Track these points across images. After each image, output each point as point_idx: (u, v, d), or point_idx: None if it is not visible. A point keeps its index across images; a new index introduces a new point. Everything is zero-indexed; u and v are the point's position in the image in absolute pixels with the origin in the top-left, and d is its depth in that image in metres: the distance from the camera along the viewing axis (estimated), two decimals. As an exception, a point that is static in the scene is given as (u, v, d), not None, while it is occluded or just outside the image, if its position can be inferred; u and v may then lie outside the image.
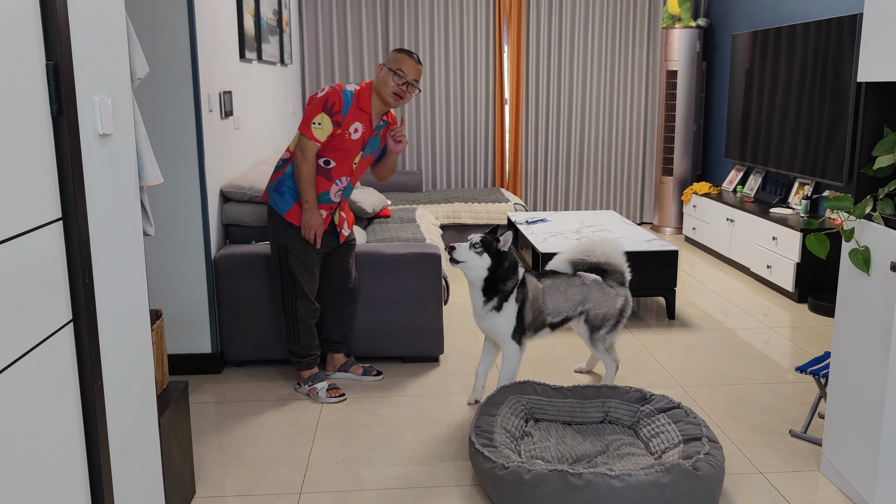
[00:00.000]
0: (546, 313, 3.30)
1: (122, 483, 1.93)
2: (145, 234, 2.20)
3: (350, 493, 2.64)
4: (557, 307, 3.32)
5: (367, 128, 3.23)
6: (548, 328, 3.35)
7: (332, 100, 3.12)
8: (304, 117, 3.16)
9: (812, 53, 5.08)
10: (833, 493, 2.63)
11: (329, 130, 3.13)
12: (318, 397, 3.39)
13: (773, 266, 5.07)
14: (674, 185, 6.97)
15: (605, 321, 3.39)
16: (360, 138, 3.23)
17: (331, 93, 3.14)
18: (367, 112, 3.21)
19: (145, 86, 3.30)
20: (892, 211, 2.42)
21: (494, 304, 3.17)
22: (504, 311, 3.18)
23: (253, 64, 4.69)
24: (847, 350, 2.59)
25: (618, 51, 7.15)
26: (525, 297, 3.23)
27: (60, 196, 1.63)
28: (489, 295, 3.17)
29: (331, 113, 3.12)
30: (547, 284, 3.33)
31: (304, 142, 3.15)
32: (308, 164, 3.15)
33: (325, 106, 3.11)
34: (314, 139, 3.13)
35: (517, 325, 3.21)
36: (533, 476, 2.38)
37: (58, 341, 1.60)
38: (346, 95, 3.15)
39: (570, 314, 3.36)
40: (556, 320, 3.34)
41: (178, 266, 3.54)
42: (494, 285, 3.16)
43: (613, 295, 3.41)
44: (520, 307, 3.21)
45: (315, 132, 3.12)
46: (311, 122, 3.12)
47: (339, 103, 3.13)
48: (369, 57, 6.89)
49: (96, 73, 1.81)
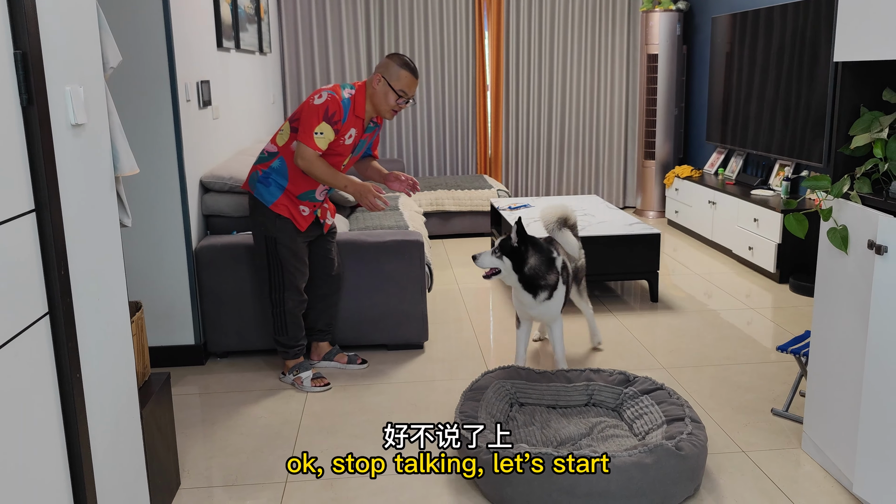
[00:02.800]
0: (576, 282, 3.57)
1: (105, 475, 1.92)
2: (122, 225, 2.18)
3: (335, 481, 2.64)
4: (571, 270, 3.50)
5: (359, 132, 3.22)
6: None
7: (332, 109, 3.07)
8: (303, 125, 3.08)
9: (791, 35, 5.10)
10: (814, 469, 2.66)
11: (331, 139, 3.10)
12: (302, 386, 3.38)
13: (755, 247, 5.10)
14: (656, 168, 6.99)
15: (581, 272, 3.68)
16: (353, 142, 3.22)
17: (331, 101, 3.07)
18: (361, 118, 3.19)
19: (121, 76, 3.26)
20: (870, 190, 2.44)
21: (545, 296, 3.22)
22: (556, 296, 3.25)
23: (231, 53, 4.64)
24: (826, 328, 2.61)
25: (598, 35, 7.15)
26: (567, 278, 3.35)
27: (33, 187, 1.61)
28: (534, 290, 3.20)
29: (332, 122, 3.08)
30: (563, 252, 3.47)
31: (305, 150, 3.08)
32: (318, 165, 3.10)
33: (325, 115, 3.06)
34: (316, 148, 3.08)
35: (564, 302, 3.34)
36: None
37: (34, 334, 1.59)
38: (345, 104, 3.11)
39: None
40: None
41: (159, 257, 3.51)
42: (534, 281, 3.18)
43: (580, 247, 3.63)
44: (566, 287, 3.34)
45: (318, 142, 3.07)
46: (313, 132, 3.06)
47: (339, 112, 3.08)
48: (349, 44, 6.84)
49: (67, 62, 1.79)
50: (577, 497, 2.34)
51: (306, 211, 3.28)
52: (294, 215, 3.25)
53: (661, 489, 2.38)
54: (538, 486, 2.36)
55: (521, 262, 3.16)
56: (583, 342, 3.90)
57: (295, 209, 3.25)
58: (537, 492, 2.36)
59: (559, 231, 3.48)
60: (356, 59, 6.89)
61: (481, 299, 4.69)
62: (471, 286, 4.95)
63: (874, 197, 2.40)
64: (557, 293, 3.25)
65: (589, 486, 2.33)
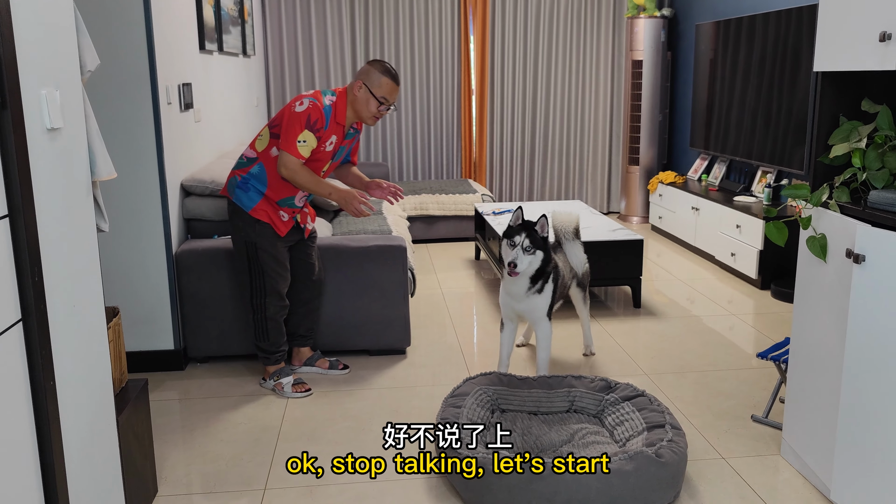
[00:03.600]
0: (565, 286, 3.49)
1: (79, 484, 1.89)
2: (99, 230, 2.15)
3: (315, 489, 2.62)
4: (568, 278, 3.51)
5: (339, 139, 3.21)
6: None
7: (314, 116, 3.05)
8: (285, 133, 3.06)
9: (773, 43, 5.14)
10: (793, 475, 2.67)
11: (313, 146, 3.09)
12: (283, 392, 3.36)
13: (737, 254, 5.13)
14: (640, 174, 7.02)
15: (587, 277, 3.70)
16: (333, 149, 3.21)
17: (312, 109, 3.05)
18: (342, 125, 3.19)
19: (101, 79, 3.23)
20: (848, 199, 2.46)
21: (537, 288, 3.21)
22: (545, 291, 3.23)
23: (214, 55, 4.62)
24: (805, 335, 2.63)
25: (583, 41, 7.17)
26: (559, 276, 3.33)
27: (6, 192, 1.59)
28: (534, 280, 3.19)
29: (314, 130, 3.06)
30: (561, 258, 3.49)
31: (288, 160, 3.06)
32: (301, 174, 3.08)
33: (308, 123, 3.04)
34: (300, 157, 3.07)
35: (552, 302, 3.29)
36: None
37: (6, 341, 1.56)
38: (327, 111, 3.10)
39: (569, 284, 3.58)
40: (566, 291, 3.53)
41: (139, 262, 3.48)
42: (541, 271, 3.18)
43: (584, 256, 3.67)
44: (555, 286, 3.29)
45: (301, 150, 3.06)
46: (296, 141, 3.04)
47: (321, 120, 3.07)
48: (334, 48, 6.82)
49: (42, 65, 1.76)
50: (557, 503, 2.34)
51: (286, 216, 3.26)
52: (274, 220, 3.23)
53: (641, 496, 2.38)
54: (518, 493, 2.35)
55: (547, 255, 3.15)
56: (572, 348, 3.90)
57: (275, 214, 3.23)
58: (517, 499, 2.36)
59: (572, 240, 3.54)
60: (341, 63, 6.88)
61: (465, 304, 4.68)
62: (454, 291, 4.94)
63: (852, 206, 2.42)
64: (547, 288, 3.24)
65: (569, 494, 2.33)
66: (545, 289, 3.23)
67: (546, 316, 3.30)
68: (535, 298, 3.23)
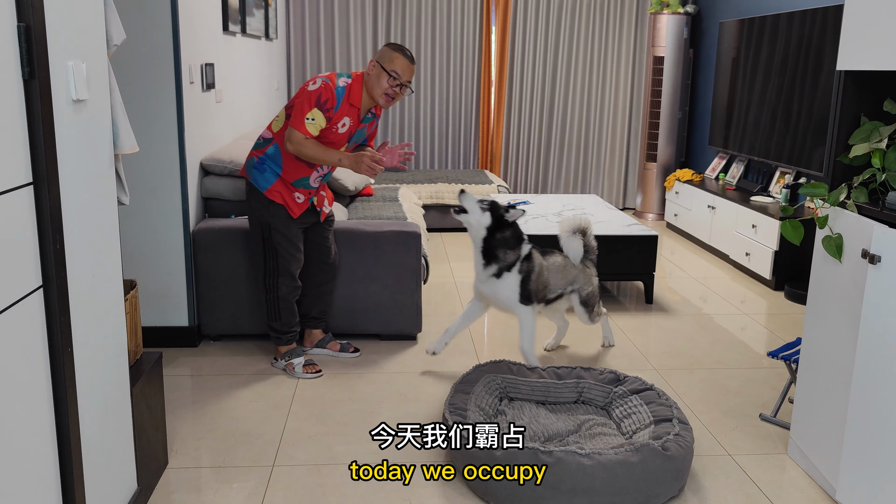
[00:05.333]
0: (548, 289, 3.44)
1: (92, 450, 1.93)
2: (120, 203, 2.18)
3: (323, 467, 2.65)
4: (556, 284, 3.48)
5: (354, 122, 3.21)
6: (543, 303, 3.47)
7: (325, 96, 3.07)
8: (296, 110, 3.09)
9: (797, 43, 5.10)
10: (799, 475, 2.67)
11: (322, 125, 3.10)
12: (294, 373, 3.39)
13: (752, 254, 5.11)
14: (657, 171, 6.99)
15: (594, 298, 3.61)
16: (347, 132, 3.21)
17: (324, 88, 3.07)
18: (356, 107, 3.18)
19: (125, 54, 3.26)
20: (866, 199, 2.45)
21: (493, 272, 3.25)
22: (504, 279, 3.26)
23: (237, 37, 4.64)
24: (817, 336, 2.62)
25: (605, 35, 7.14)
26: (531, 270, 3.32)
27: (31, 160, 1.62)
28: (488, 259, 3.24)
29: (323, 109, 3.08)
30: (550, 262, 3.45)
31: (293, 134, 3.09)
32: (307, 145, 3.10)
33: (318, 101, 3.06)
34: (307, 134, 3.09)
35: (523, 292, 3.29)
36: (504, 454, 2.40)
37: (27, 306, 1.60)
38: (339, 92, 3.11)
39: (563, 291, 3.52)
40: (552, 296, 3.49)
41: (157, 238, 3.52)
42: (493, 250, 3.23)
43: (593, 274, 3.62)
44: (524, 278, 3.29)
45: (308, 127, 3.08)
46: (305, 118, 3.07)
47: (332, 99, 3.09)
48: (355, 34, 6.83)
49: (70, 37, 1.79)
50: (562, 493, 2.35)
51: (301, 198, 3.28)
52: (287, 202, 3.25)
53: (645, 488, 2.39)
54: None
55: (497, 228, 3.20)
56: (582, 341, 3.91)
57: (289, 196, 3.26)
58: (522, 487, 2.36)
59: (572, 236, 3.53)
60: (362, 49, 6.89)
61: (476, 294, 4.69)
62: (467, 280, 4.96)
63: (870, 206, 2.41)
64: (508, 277, 3.26)
65: (573, 483, 2.35)
66: (505, 277, 3.25)
67: (517, 304, 3.30)
68: (494, 283, 3.27)
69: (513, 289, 3.28)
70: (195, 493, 2.49)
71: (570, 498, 2.35)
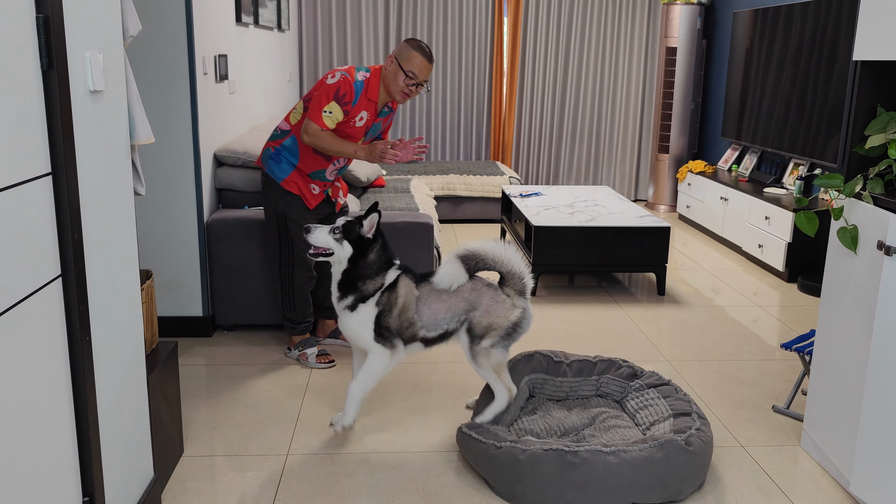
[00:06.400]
0: (419, 326, 2.70)
1: (110, 437, 1.95)
2: (136, 193, 2.20)
3: (336, 456, 2.67)
4: (435, 319, 2.70)
5: (371, 116, 3.21)
6: (420, 343, 2.75)
7: (343, 89, 3.07)
8: (314, 103, 3.10)
9: (811, 33, 5.06)
10: (812, 466, 2.67)
11: (339, 118, 3.10)
12: (307, 362, 3.41)
13: (765, 245, 5.09)
14: (670, 162, 6.96)
15: (490, 331, 2.68)
16: (364, 125, 3.21)
17: (343, 82, 3.07)
18: (374, 101, 3.18)
19: (139, 46, 3.28)
20: (882, 190, 2.43)
21: (348, 303, 2.70)
22: (358, 312, 2.69)
23: (249, 28, 4.65)
24: (831, 327, 2.61)
25: (618, 26, 7.10)
26: (392, 304, 2.69)
27: (50, 151, 1.63)
28: (344, 290, 2.71)
29: (341, 103, 3.08)
30: (425, 290, 2.72)
31: (310, 126, 3.09)
32: (323, 137, 3.09)
33: (336, 95, 3.07)
34: (324, 126, 3.09)
35: (377, 328, 2.69)
36: (528, 456, 2.37)
37: (46, 295, 1.61)
38: (357, 86, 3.10)
39: (450, 327, 2.71)
40: (432, 335, 2.72)
41: (171, 229, 3.54)
42: (352, 280, 2.70)
43: (509, 305, 2.71)
44: (381, 312, 2.69)
45: (326, 120, 3.08)
46: (322, 111, 3.07)
47: (350, 93, 3.09)
48: (367, 25, 6.83)
49: (88, 28, 1.80)
50: (589, 493, 2.34)
51: (316, 189, 3.30)
52: (304, 192, 3.27)
53: (671, 485, 2.38)
54: (549, 483, 2.35)
55: (361, 254, 2.69)
56: (592, 333, 3.91)
57: (305, 186, 3.27)
58: (549, 489, 2.36)
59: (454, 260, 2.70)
60: (374, 40, 6.88)
61: (488, 285, 4.70)
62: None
63: (886, 198, 2.39)
64: (363, 310, 2.68)
65: (600, 483, 2.33)
66: (359, 309, 2.69)
67: (373, 341, 2.69)
68: (347, 317, 2.71)
69: (365, 323, 2.68)
70: (210, 481, 2.52)
71: (598, 497, 2.34)
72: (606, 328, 3.96)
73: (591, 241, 4.41)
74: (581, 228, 4.40)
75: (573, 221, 4.48)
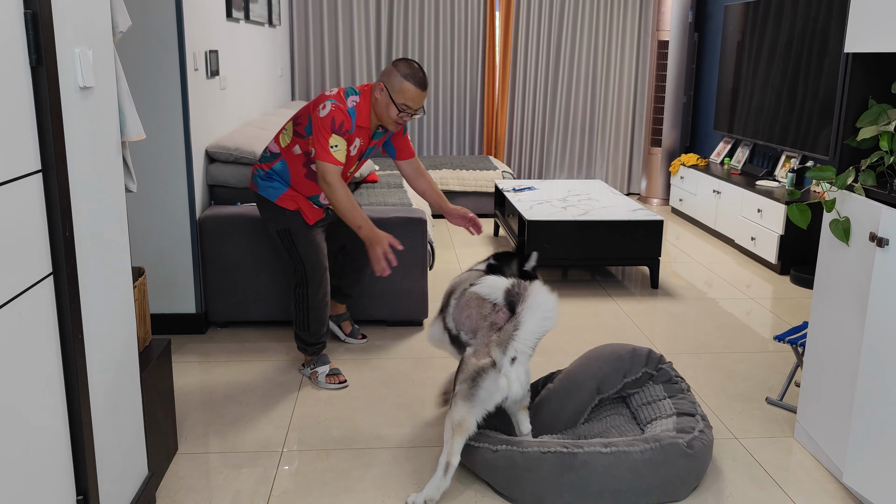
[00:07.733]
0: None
1: (104, 436, 1.94)
2: (127, 190, 2.19)
3: (331, 452, 2.67)
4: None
5: (364, 142, 3.09)
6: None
7: (339, 119, 2.92)
8: (316, 142, 2.92)
9: (802, 25, 5.07)
10: (805, 458, 2.68)
11: (345, 148, 2.96)
12: (317, 382, 3.24)
13: (758, 238, 5.11)
14: (662, 155, 6.97)
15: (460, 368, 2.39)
16: (358, 153, 3.10)
17: (336, 112, 2.91)
18: (365, 128, 3.05)
19: (130, 42, 3.26)
20: (874, 182, 2.44)
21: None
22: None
23: (240, 24, 4.62)
24: (824, 319, 2.62)
25: (609, 19, 7.10)
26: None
27: (40, 148, 1.62)
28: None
29: (341, 132, 2.93)
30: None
31: (325, 168, 2.89)
32: (340, 192, 2.90)
33: (334, 127, 2.91)
34: (336, 162, 2.92)
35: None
36: (526, 459, 2.36)
37: (38, 293, 1.60)
38: (351, 114, 2.96)
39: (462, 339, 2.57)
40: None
41: (163, 225, 3.53)
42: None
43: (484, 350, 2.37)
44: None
45: (336, 155, 2.92)
46: (329, 148, 2.91)
47: (346, 122, 2.94)
48: (359, 19, 6.80)
49: (77, 24, 1.79)
50: (589, 496, 2.33)
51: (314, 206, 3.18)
52: (302, 207, 3.13)
53: (670, 488, 2.38)
54: (549, 485, 2.35)
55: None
56: (594, 327, 3.92)
57: (303, 201, 3.14)
58: (548, 491, 2.35)
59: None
60: (365, 35, 6.86)
61: (482, 279, 4.70)
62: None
63: (878, 190, 2.40)
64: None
65: (600, 486, 2.33)
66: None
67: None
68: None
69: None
70: (205, 478, 2.51)
71: (597, 500, 2.34)
72: (600, 322, 3.97)
73: (584, 235, 4.42)
74: (574, 222, 4.41)
75: (566, 215, 4.48)
